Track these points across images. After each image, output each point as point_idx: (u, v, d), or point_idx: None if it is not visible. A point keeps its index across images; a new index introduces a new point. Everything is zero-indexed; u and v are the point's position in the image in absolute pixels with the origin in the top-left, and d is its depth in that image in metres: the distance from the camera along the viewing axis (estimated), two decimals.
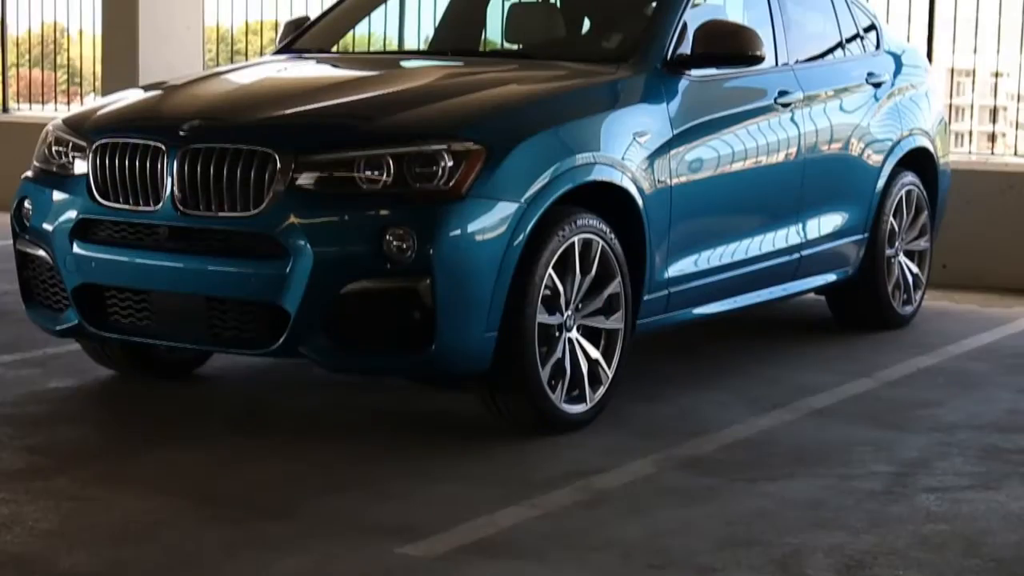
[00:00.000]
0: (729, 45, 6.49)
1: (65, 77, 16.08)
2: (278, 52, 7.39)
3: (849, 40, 8.03)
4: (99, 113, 6.17)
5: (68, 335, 6.11)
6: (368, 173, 5.40)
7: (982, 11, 10.65)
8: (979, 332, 8.13)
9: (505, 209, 5.44)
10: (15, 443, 5.55)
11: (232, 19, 13.55)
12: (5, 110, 14.06)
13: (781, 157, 7.04)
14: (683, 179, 6.31)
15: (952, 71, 11.61)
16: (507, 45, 7.51)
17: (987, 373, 7.12)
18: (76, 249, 5.83)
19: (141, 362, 6.50)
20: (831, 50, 7.88)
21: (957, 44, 10.81)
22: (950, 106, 10.66)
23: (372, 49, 8.78)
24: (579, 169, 5.75)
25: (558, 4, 7.55)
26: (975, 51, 10.96)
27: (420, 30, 9.70)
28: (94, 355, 6.55)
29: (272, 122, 5.75)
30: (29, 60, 15.35)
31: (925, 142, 8.24)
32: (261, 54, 13.25)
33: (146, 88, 6.71)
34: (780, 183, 7.11)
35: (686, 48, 6.50)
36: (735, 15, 7.30)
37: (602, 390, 5.90)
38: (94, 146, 5.85)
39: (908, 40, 10.19)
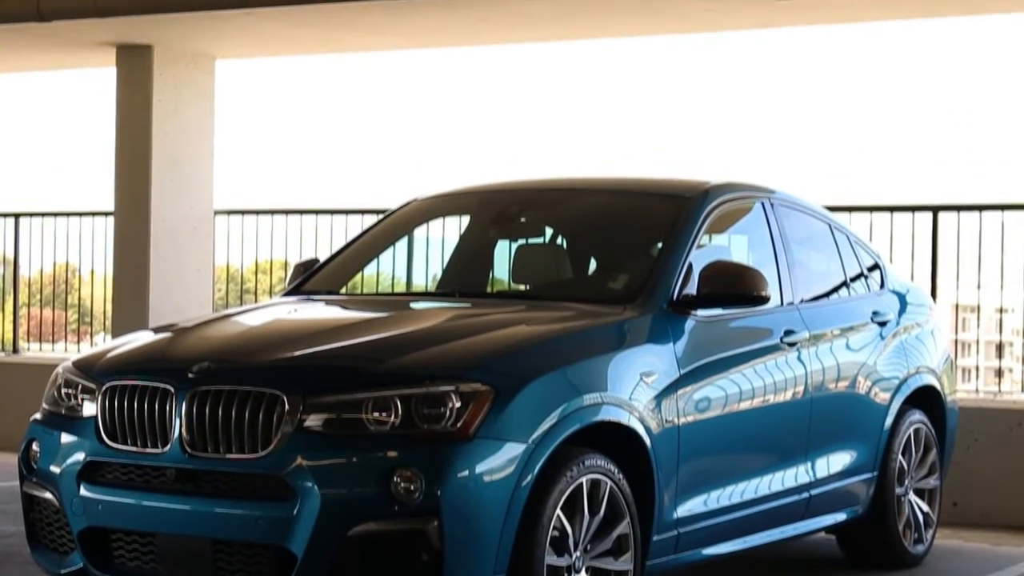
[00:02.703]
0: (735, 286, 6.55)
1: (76, 317, 16.20)
2: (287, 294, 7.45)
3: (853, 279, 8.10)
4: (109, 355, 6.20)
5: None
6: (376, 414, 5.42)
7: (985, 247, 10.75)
8: (991, 571, 8.04)
9: (513, 450, 5.44)
10: None
11: (242, 259, 13.70)
12: (15, 350, 14.14)
13: (788, 396, 7.05)
14: (691, 419, 6.31)
15: (956, 307, 11.69)
16: (514, 286, 7.57)
17: None
18: (83, 491, 5.81)
19: None
20: (836, 289, 7.95)
21: (961, 280, 10.88)
22: (955, 342, 10.69)
23: (380, 290, 8.85)
24: (587, 409, 5.77)
25: (564, 245, 7.63)
26: (979, 287, 11.03)
27: (428, 270, 9.80)
28: None
29: (281, 364, 5.78)
30: (40, 300, 15.49)
31: (932, 380, 8.25)
32: (270, 293, 13.37)
33: (156, 330, 6.76)
34: (788, 422, 7.10)
35: (692, 288, 6.56)
36: (740, 255, 7.39)
37: None
38: (103, 388, 5.88)
39: (912, 277, 10.28)
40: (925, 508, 8.18)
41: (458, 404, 5.42)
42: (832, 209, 8.90)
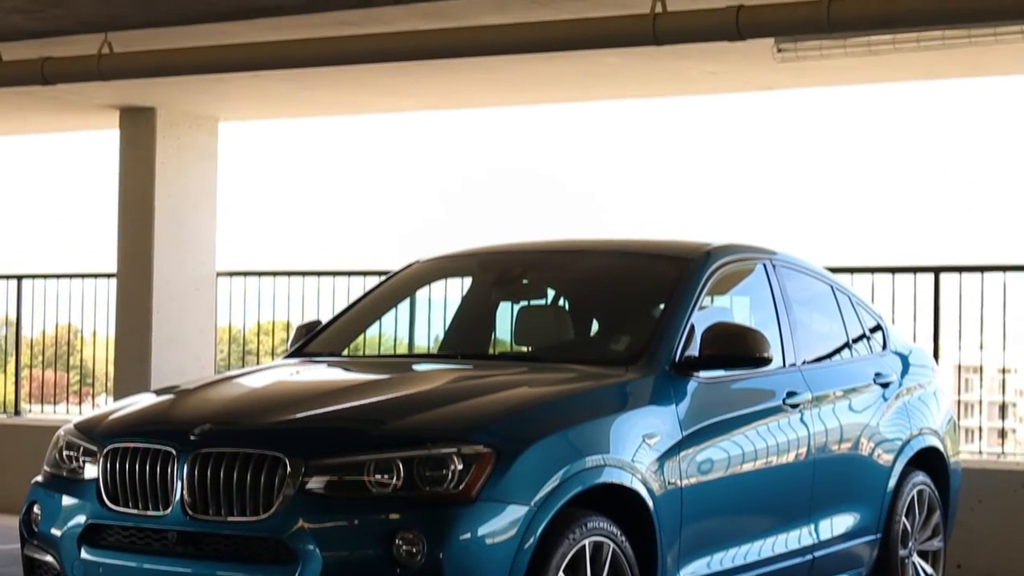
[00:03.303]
0: (737, 347, 6.55)
1: (77, 378, 16.21)
2: (289, 355, 7.46)
3: (856, 340, 8.10)
4: (110, 418, 6.20)
5: None
6: (378, 476, 5.41)
7: (987, 307, 10.76)
8: None
9: (515, 512, 5.43)
10: None
11: (244, 320, 13.71)
12: (17, 412, 14.13)
13: (791, 457, 7.03)
14: (693, 480, 6.30)
15: (959, 367, 11.67)
16: (516, 347, 7.57)
17: None
18: (84, 555, 5.79)
19: None
20: (838, 350, 7.95)
21: (963, 341, 10.89)
22: (958, 402, 10.69)
23: (383, 351, 8.86)
24: (589, 471, 5.75)
25: (566, 307, 7.64)
26: (981, 348, 11.04)
27: (430, 332, 9.80)
28: None
29: (282, 426, 5.78)
30: (43, 361, 15.49)
31: (935, 441, 8.24)
32: (272, 355, 13.38)
33: (157, 392, 6.76)
34: (791, 484, 7.09)
35: (694, 350, 6.56)
36: (742, 317, 7.39)
37: None
38: (105, 451, 5.87)
39: (914, 338, 10.28)
40: (929, 570, 8.14)
41: (460, 466, 5.41)
42: (834, 270, 8.92)
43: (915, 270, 10.93)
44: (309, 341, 7.48)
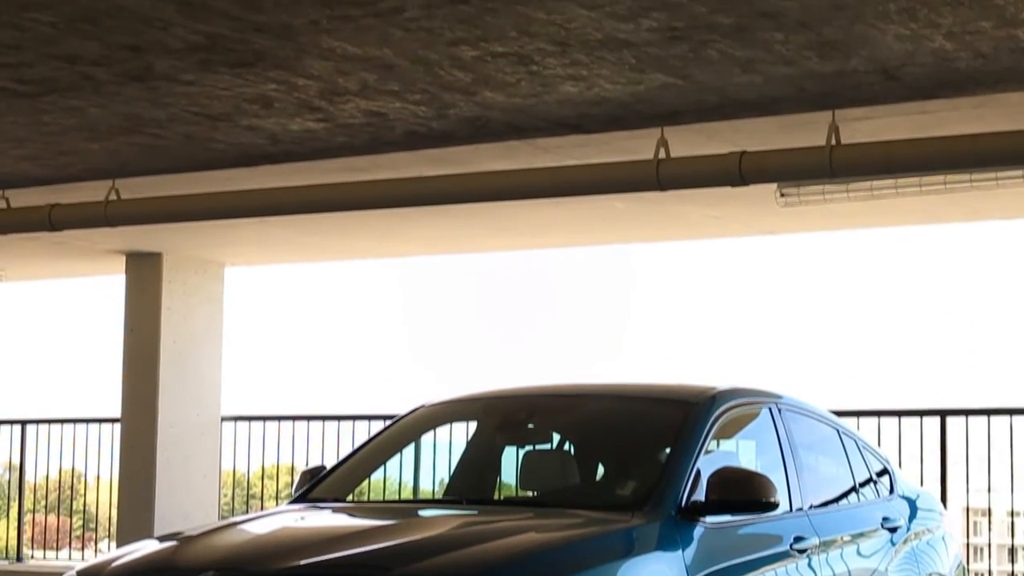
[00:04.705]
0: (743, 492, 6.51)
1: (81, 523, 16.12)
2: (294, 501, 7.42)
3: (863, 484, 8.06)
4: (114, 565, 6.15)
5: None
6: None
7: (994, 450, 10.74)
8: None
9: None
10: None
11: (248, 464, 13.69)
12: (19, 559, 14.04)
13: None
14: None
15: (967, 510, 11.62)
16: (522, 492, 7.54)
17: None
18: None
19: None
20: (845, 495, 7.91)
21: (971, 483, 10.85)
22: (967, 546, 10.62)
23: (388, 496, 8.83)
24: None
25: (572, 451, 7.62)
26: (989, 491, 10.99)
27: (435, 477, 9.77)
28: None
29: (288, 573, 5.72)
30: (45, 505, 15.43)
31: None
32: (277, 499, 13.33)
33: (161, 539, 6.71)
34: None
35: (700, 495, 6.52)
36: (748, 461, 7.36)
37: None
38: None
39: (921, 482, 10.24)
40: None
41: None
42: (839, 413, 8.90)
43: (921, 413, 10.93)
44: (314, 486, 7.45)
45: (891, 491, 8.27)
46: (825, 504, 7.61)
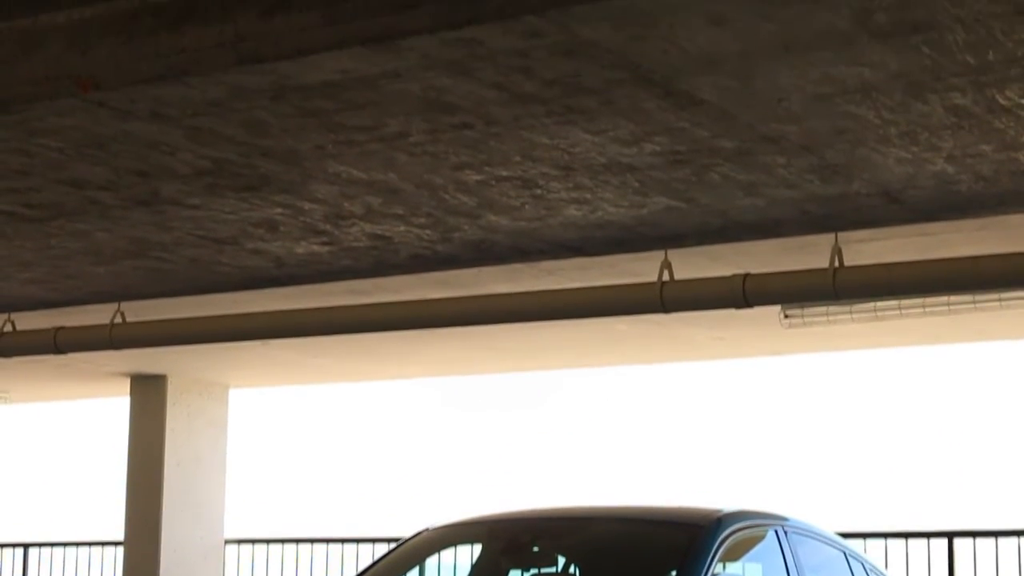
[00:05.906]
0: None
1: None
2: None
3: None
4: None
5: None
6: None
7: (1002, 572, 10.67)
8: None
9: None
10: None
11: None
12: None
13: None
14: None
15: None
16: None
17: None
18: None
19: None
20: None
21: None
22: None
23: None
24: None
25: (577, 575, 7.56)
26: None
27: None
28: None
29: None
30: None
31: None
32: None
33: None
34: None
35: None
36: None
37: None
38: None
39: None
40: None
41: None
42: (846, 535, 8.85)
43: (928, 535, 10.86)
44: None
45: None
46: None
